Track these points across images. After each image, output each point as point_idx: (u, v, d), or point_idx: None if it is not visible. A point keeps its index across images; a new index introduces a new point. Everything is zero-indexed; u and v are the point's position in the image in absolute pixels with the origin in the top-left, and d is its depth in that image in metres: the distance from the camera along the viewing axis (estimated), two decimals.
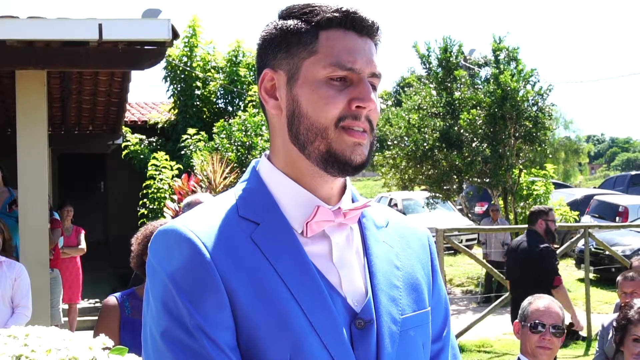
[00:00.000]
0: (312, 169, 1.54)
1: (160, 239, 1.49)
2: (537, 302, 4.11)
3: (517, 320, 4.18)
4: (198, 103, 17.40)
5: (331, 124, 1.49)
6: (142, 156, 15.53)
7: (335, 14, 1.51)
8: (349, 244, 1.59)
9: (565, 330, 4.08)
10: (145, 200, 13.09)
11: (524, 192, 17.12)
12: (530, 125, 15.99)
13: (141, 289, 3.93)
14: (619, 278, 6.05)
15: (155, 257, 1.48)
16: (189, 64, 17.35)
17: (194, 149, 14.20)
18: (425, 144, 16.54)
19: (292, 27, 1.54)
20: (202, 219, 1.50)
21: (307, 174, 1.55)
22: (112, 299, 3.87)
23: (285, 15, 1.57)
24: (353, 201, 1.66)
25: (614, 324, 4.62)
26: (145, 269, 4.02)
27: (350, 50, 1.50)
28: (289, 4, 1.59)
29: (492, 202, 16.83)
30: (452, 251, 18.10)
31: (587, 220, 18.83)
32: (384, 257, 1.62)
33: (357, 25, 1.53)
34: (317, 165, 1.52)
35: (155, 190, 13.00)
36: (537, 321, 3.99)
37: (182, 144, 14.97)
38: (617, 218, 18.85)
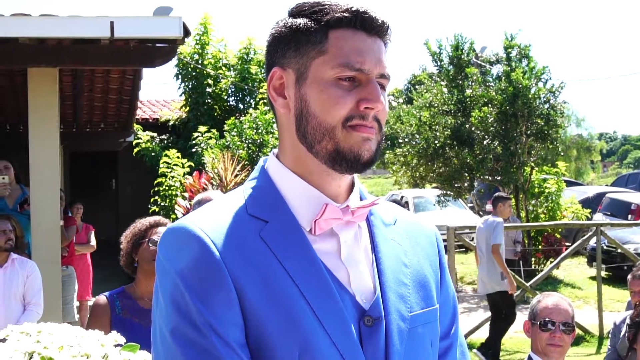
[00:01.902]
0: (320, 167, 1.55)
1: (170, 237, 1.50)
2: (546, 299, 4.09)
3: (526, 319, 4.17)
4: (209, 101, 17.45)
5: (338, 124, 1.50)
6: (153, 154, 15.57)
7: (345, 14, 1.51)
8: (357, 242, 1.59)
9: (576, 327, 4.07)
10: (156, 197, 13.13)
11: (536, 190, 17.06)
12: (542, 123, 15.92)
13: (132, 287, 3.92)
14: (629, 277, 6.03)
15: (164, 254, 1.49)
16: (200, 62, 17.40)
17: (205, 147, 14.24)
18: (436, 142, 16.52)
19: (301, 26, 1.54)
20: (211, 217, 1.50)
21: (314, 172, 1.56)
22: (103, 298, 3.85)
23: (296, 13, 1.57)
24: (361, 199, 1.66)
25: (628, 321, 4.61)
26: (135, 267, 4.03)
27: (360, 50, 1.51)
28: (299, 2, 1.59)
29: None
30: (464, 249, 18.07)
31: (599, 218, 18.75)
32: (392, 254, 1.63)
33: (367, 25, 1.53)
34: (325, 163, 1.53)
35: (167, 188, 13.03)
36: (546, 319, 3.97)
37: (193, 142, 15.01)
38: (630, 216, 18.75)
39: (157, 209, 12.73)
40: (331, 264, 1.52)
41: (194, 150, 14.84)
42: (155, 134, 16.65)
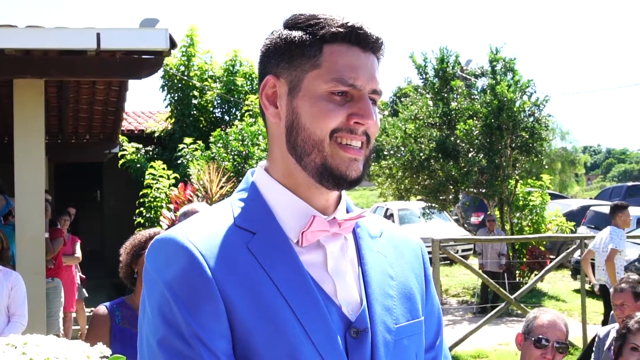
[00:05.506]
0: (308, 180, 1.55)
1: (158, 248, 1.50)
2: (543, 316, 4.09)
3: (520, 332, 4.17)
4: (195, 112, 17.44)
5: (326, 136, 1.50)
6: (138, 165, 15.54)
7: (340, 29, 1.52)
8: (344, 254, 1.60)
9: (569, 346, 4.07)
10: (141, 209, 13.09)
11: (520, 203, 17.12)
12: (527, 136, 16.01)
13: (131, 298, 3.96)
14: (611, 290, 6.08)
15: (152, 265, 1.49)
16: (186, 73, 17.40)
17: (190, 158, 14.24)
18: (421, 154, 16.56)
19: (296, 38, 1.54)
20: (199, 228, 1.51)
21: (303, 184, 1.57)
22: (103, 308, 3.88)
23: (291, 25, 1.57)
24: (348, 212, 1.67)
25: (615, 334, 4.63)
26: (135, 278, 4.04)
27: (353, 66, 1.51)
28: (295, 13, 1.59)
29: (488, 212, 16.82)
30: (448, 261, 18.12)
31: (583, 231, 18.78)
32: (378, 267, 1.64)
33: (362, 41, 1.53)
34: (313, 177, 1.54)
35: (152, 199, 13.00)
36: (540, 336, 3.97)
37: (179, 153, 15.00)
38: None
39: (142, 221, 12.70)
40: (318, 275, 1.53)
41: (179, 161, 14.83)
42: (140, 146, 16.62)
